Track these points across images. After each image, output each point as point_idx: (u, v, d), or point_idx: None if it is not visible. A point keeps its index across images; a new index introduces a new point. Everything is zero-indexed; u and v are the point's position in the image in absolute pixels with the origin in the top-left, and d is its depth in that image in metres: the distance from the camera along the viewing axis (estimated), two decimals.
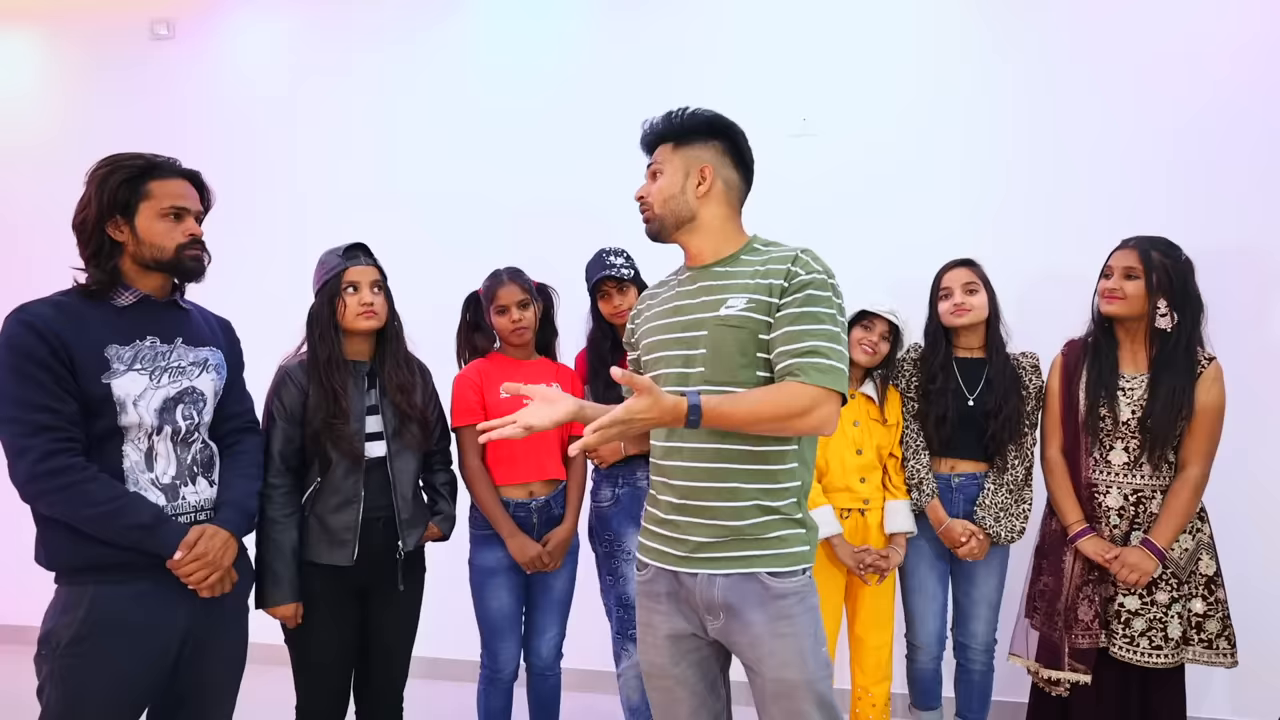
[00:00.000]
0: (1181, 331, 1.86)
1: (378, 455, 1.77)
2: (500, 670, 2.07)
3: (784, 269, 1.32)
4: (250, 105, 3.34)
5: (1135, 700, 1.94)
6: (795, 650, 1.31)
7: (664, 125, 1.42)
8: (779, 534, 1.34)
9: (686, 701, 1.42)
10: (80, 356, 1.38)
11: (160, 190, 1.47)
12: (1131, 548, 1.87)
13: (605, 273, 2.08)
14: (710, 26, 2.97)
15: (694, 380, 1.35)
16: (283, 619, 1.70)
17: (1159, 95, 2.61)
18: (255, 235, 3.20)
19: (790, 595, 1.33)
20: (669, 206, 1.40)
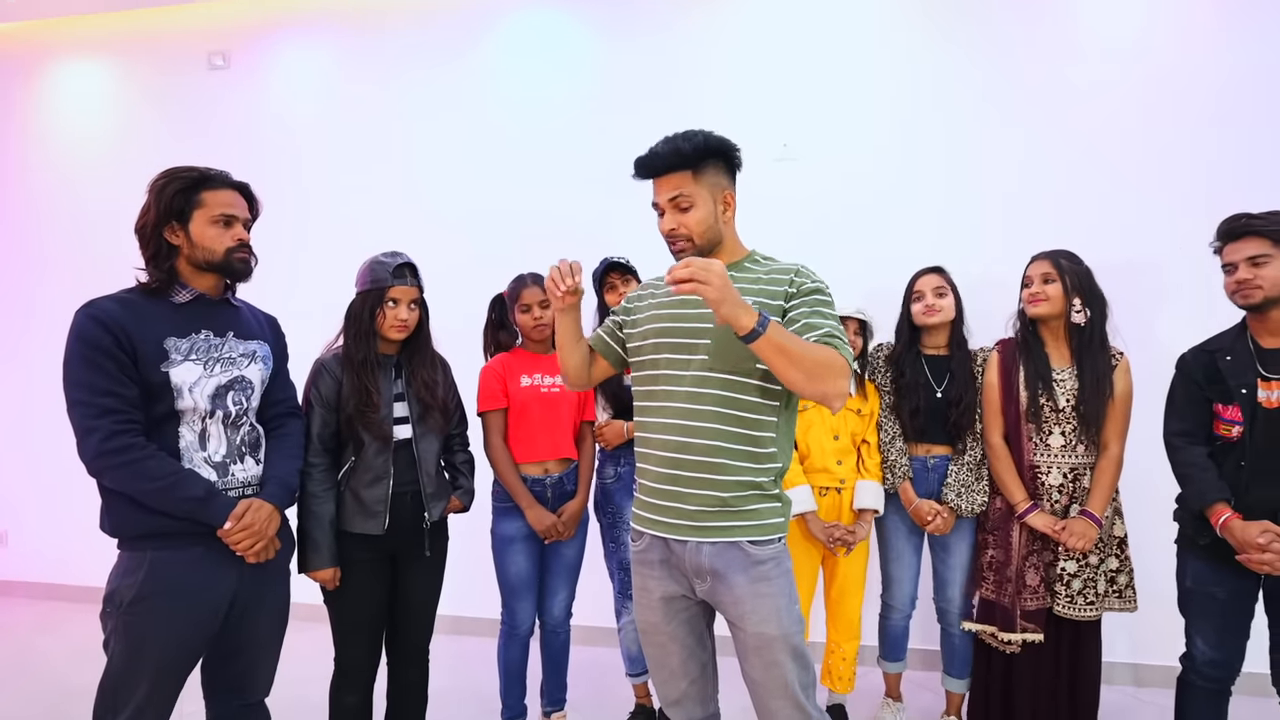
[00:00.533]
0: (1094, 325, 1.93)
1: (404, 437, 1.77)
2: (518, 626, 2.08)
3: (788, 278, 1.37)
4: (295, 127, 3.35)
5: (1066, 649, 1.98)
6: (772, 608, 1.33)
7: (678, 155, 1.35)
8: (759, 507, 1.35)
9: (677, 654, 1.44)
10: (142, 347, 1.38)
11: (212, 199, 1.46)
12: (1075, 519, 1.90)
13: (611, 261, 2.17)
14: (702, 58, 2.97)
15: (694, 367, 1.35)
16: (322, 582, 1.70)
17: (1080, 129, 2.69)
18: (297, 243, 3.21)
19: (768, 561, 1.35)
20: (708, 236, 1.38)
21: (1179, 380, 1.81)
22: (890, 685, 2.31)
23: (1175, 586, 1.83)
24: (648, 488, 1.41)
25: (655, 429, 1.39)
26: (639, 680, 2.29)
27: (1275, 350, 1.63)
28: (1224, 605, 1.71)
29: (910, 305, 2.14)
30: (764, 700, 1.37)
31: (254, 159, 3.29)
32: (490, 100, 3.14)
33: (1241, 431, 1.65)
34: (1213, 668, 1.73)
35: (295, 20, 3.34)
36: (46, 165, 3.57)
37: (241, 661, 1.55)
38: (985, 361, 2.09)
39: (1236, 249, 1.63)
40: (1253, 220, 1.62)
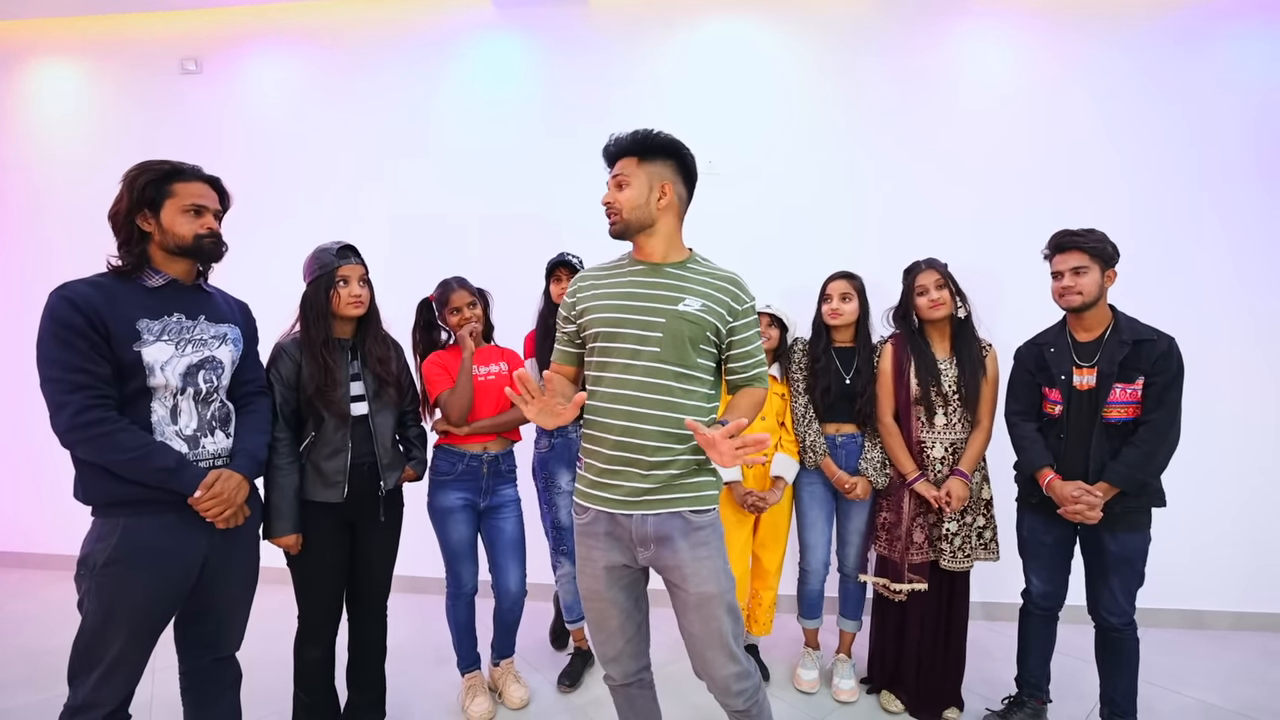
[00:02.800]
0: (968, 317, 2.07)
1: (361, 413, 1.78)
2: (463, 587, 2.09)
3: (731, 291, 1.43)
4: (263, 132, 3.27)
5: (944, 594, 2.11)
6: (711, 570, 1.38)
7: (631, 142, 1.40)
8: (698, 480, 1.40)
9: (616, 617, 1.46)
10: (114, 327, 1.36)
11: (183, 190, 1.45)
12: (951, 480, 2.02)
13: (564, 259, 2.21)
14: (638, 81, 3.03)
15: (645, 357, 1.37)
16: (285, 547, 1.71)
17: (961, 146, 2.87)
18: (263, 238, 3.11)
19: (706, 527, 1.39)
20: (635, 214, 1.39)
21: (1015, 368, 1.99)
22: (809, 636, 2.39)
23: (1015, 536, 2.03)
24: (595, 467, 1.41)
25: (605, 413, 1.39)
26: (576, 626, 2.37)
27: (1087, 343, 1.82)
28: (1051, 549, 1.92)
29: (821, 305, 2.23)
30: (701, 651, 1.41)
31: (223, 161, 3.14)
32: (447, 111, 3.14)
33: (1062, 410, 1.85)
34: (1045, 599, 1.96)
35: (266, 30, 3.26)
36: (18, 163, 3.39)
37: (213, 619, 1.54)
38: (880, 353, 2.19)
39: (1063, 260, 1.79)
40: (1075, 236, 1.79)
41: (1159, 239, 2.73)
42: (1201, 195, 2.75)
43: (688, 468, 1.38)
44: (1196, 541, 2.74)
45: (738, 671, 1.41)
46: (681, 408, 1.36)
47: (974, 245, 2.74)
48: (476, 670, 2.18)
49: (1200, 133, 2.75)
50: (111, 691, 1.37)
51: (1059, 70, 2.81)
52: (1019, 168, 2.82)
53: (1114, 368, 1.75)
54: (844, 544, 2.28)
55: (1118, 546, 1.79)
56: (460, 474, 2.03)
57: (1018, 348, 2.00)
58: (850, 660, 2.31)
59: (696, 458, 1.38)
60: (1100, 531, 1.80)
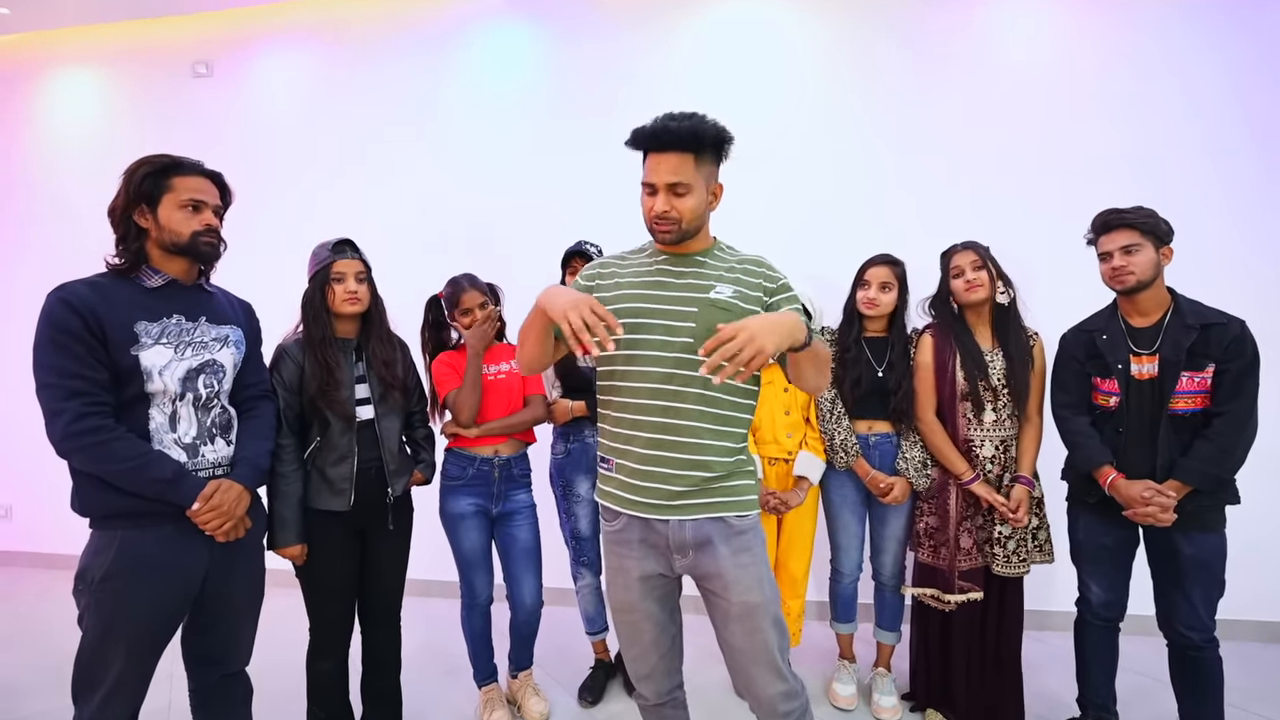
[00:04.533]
0: (1013, 305, 1.91)
1: (367, 417, 1.70)
2: (477, 597, 2.00)
3: (761, 272, 1.33)
4: (274, 131, 3.22)
5: (994, 602, 1.94)
6: (755, 578, 1.27)
7: (689, 135, 1.22)
8: (739, 483, 1.30)
9: (650, 631, 1.36)
10: (111, 330, 1.29)
11: (181, 185, 1.38)
12: (1017, 489, 1.85)
13: (579, 248, 2.10)
14: (651, 67, 2.91)
15: (675, 349, 1.25)
16: (291, 558, 1.63)
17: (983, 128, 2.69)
18: (273, 238, 3.07)
19: (749, 531, 1.29)
20: (695, 224, 1.29)
21: (1061, 357, 1.83)
22: (843, 646, 2.24)
23: (1067, 539, 1.87)
24: (627, 468, 1.30)
25: (633, 410, 1.28)
26: (597, 638, 2.26)
27: (1144, 329, 1.67)
28: (1112, 554, 1.75)
29: (856, 291, 2.06)
30: (744, 666, 1.29)
31: (235, 162, 3.10)
32: (455, 104, 3.05)
33: (1119, 401, 1.69)
34: (1105, 608, 1.79)
35: (274, 31, 3.21)
36: (42, 168, 3.38)
37: (217, 634, 1.47)
38: (916, 345, 2.02)
39: (1111, 239, 1.65)
40: (1122, 214, 1.64)
41: (1214, 225, 2.52)
42: (1266, 175, 2.54)
43: (726, 468, 1.27)
44: (1274, 543, 2.51)
45: (785, 690, 1.29)
46: (718, 402, 1.26)
47: (1005, 234, 2.54)
48: (494, 683, 2.09)
49: (1258, 109, 2.54)
50: (119, 707, 1.31)
51: (1097, 47, 2.62)
52: (1051, 152, 2.63)
53: (1180, 355, 1.59)
54: (879, 551, 2.11)
55: (1194, 549, 1.61)
56: (471, 478, 1.93)
57: (1063, 335, 1.83)
58: (890, 675, 2.16)
59: (736, 458, 1.28)
60: (1171, 533, 1.62)
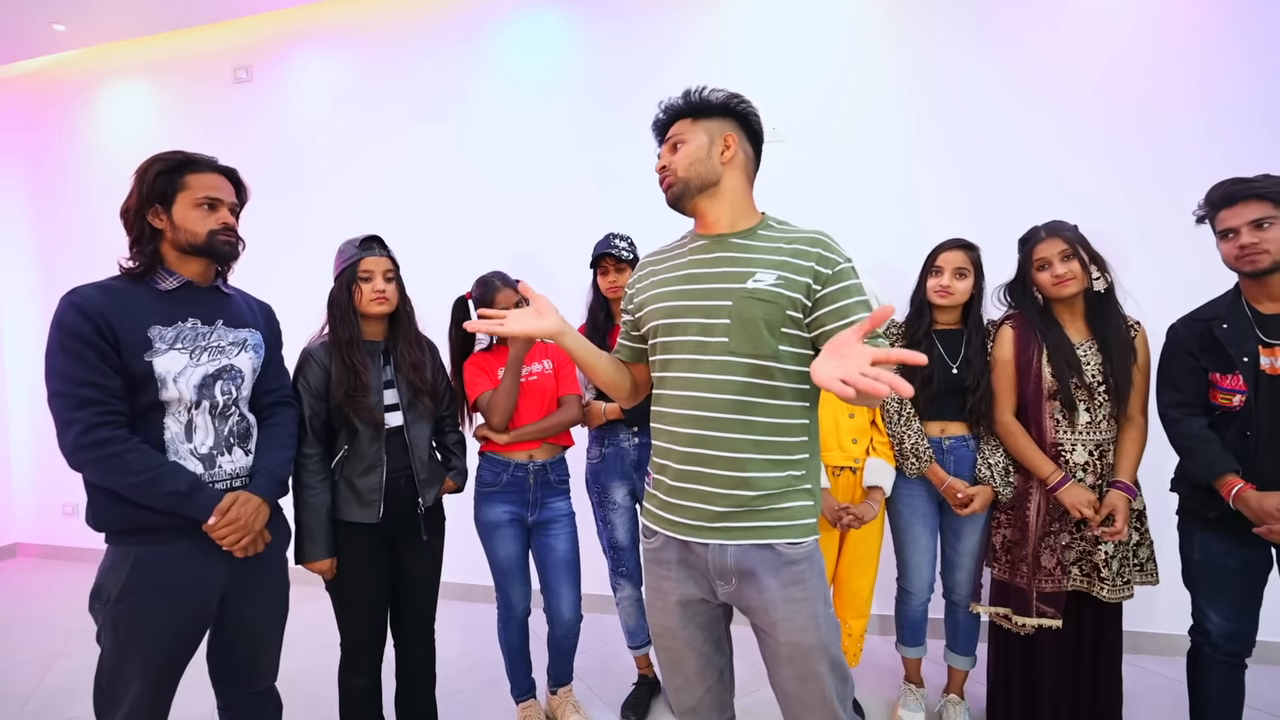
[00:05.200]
0: (1110, 293, 1.65)
1: (396, 424, 1.59)
2: (514, 609, 1.87)
3: (815, 253, 1.09)
4: (313, 133, 3.18)
5: (1089, 626, 1.71)
6: (809, 615, 1.09)
7: (683, 104, 1.17)
8: (791, 505, 1.10)
9: (693, 661, 1.19)
10: (124, 335, 1.21)
11: (196, 183, 1.29)
12: (1113, 494, 1.61)
13: (607, 250, 1.91)
14: (693, 48, 2.73)
15: (713, 349, 1.10)
16: (320, 573, 1.54)
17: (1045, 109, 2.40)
18: (309, 240, 3.06)
19: (802, 561, 1.10)
20: (694, 169, 1.14)
21: (1171, 351, 1.56)
22: (910, 669, 2.01)
23: (1177, 559, 1.60)
24: (662, 484, 1.16)
25: (670, 420, 1.14)
26: (640, 652, 2.12)
27: (1275, 316, 1.42)
28: (1238, 577, 1.48)
29: (927, 278, 1.83)
30: (796, 714, 1.13)
31: (275, 165, 3.15)
32: (495, 100, 2.94)
33: (1244, 400, 1.42)
34: (1229, 640, 1.50)
35: (311, 34, 3.17)
36: (101, 179, 3.44)
37: (241, 653, 1.39)
38: (994, 337, 1.78)
39: (1236, 214, 1.41)
40: (1252, 184, 1.40)
41: None
42: None
43: (777, 486, 1.08)
44: None
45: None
46: (763, 409, 1.08)
47: (1080, 216, 2.29)
48: (532, 698, 1.96)
49: None
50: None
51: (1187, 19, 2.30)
52: (1127, 125, 2.32)
53: None
54: (953, 568, 1.88)
55: None
56: (505, 485, 1.81)
57: (1171, 325, 1.57)
58: (964, 702, 1.94)
59: (789, 472, 1.09)
60: None
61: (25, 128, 3.59)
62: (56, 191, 3.51)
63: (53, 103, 3.55)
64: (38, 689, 2.24)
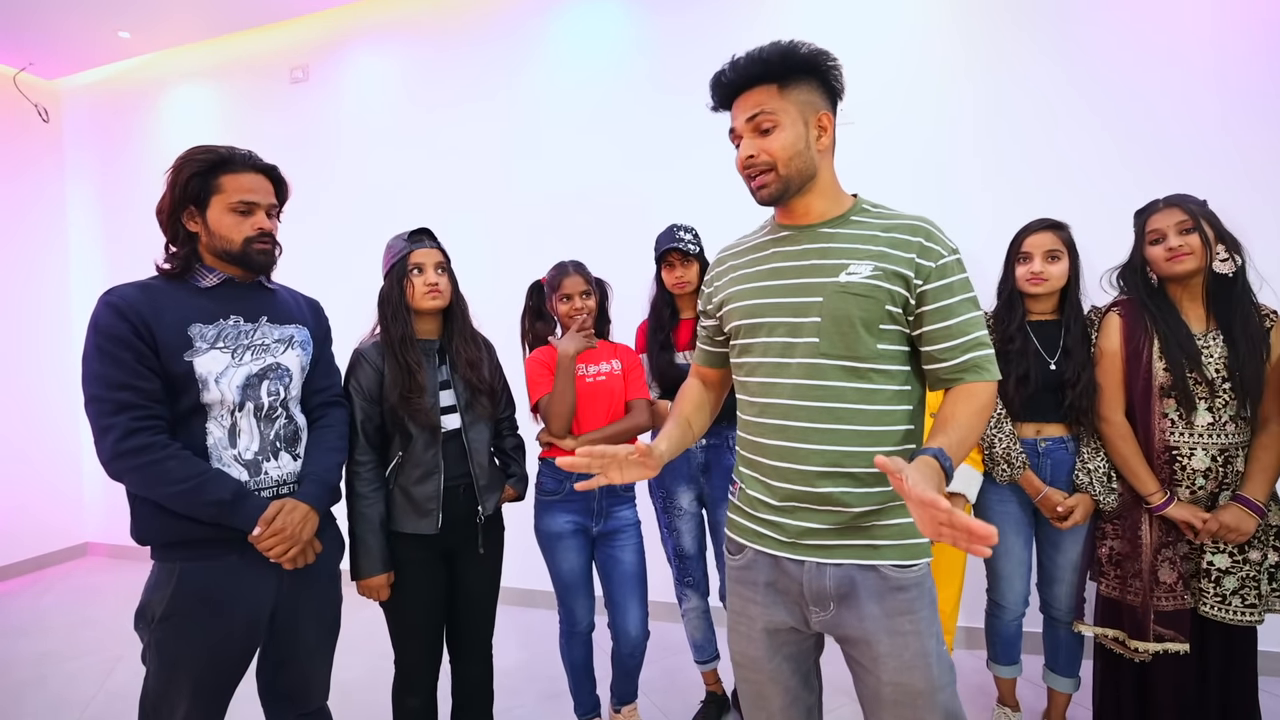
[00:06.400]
0: (1240, 276, 1.39)
1: (453, 428, 1.43)
2: (577, 624, 1.70)
3: (916, 243, 0.93)
4: (368, 132, 3.08)
5: (1216, 656, 1.45)
6: (918, 652, 0.91)
7: (763, 63, 0.93)
8: (897, 521, 0.93)
9: (779, 697, 1.03)
10: (163, 335, 1.08)
11: (231, 184, 1.15)
12: (1227, 508, 1.39)
13: (673, 244, 1.73)
14: (752, 29, 2.49)
15: (802, 351, 0.95)
16: (375, 589, 1.37)
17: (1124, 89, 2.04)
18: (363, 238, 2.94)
19: (911, 587, 0.93)
20: (795, 165, 0.94)
21: None
22: (1004, 691, 1.78)
23: None
24: (750, 498, 1.01)
25: (755, 429, 1.00)
26: (708, 668, 1.91)
27: None
28: None
29: (1015, 266, 1.61)
30: None
31: (333, 164, 3.06)
32: (549, 93, 2.77)
33: None
34: None
35: (366, 32, 3.06)
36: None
37: (292, 671, 1.25)
38: (1099, 327, 1.54)
39: None
40: None
41: None
42: None
43: (880, 501, 0.92)
44: None
45: None
46: (861, 416, 0.92)
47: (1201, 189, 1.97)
48: (596, 717, 1.79)
49: None
50: None
51: None
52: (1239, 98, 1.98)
53: None
54: (1052, 581, 1.64)
55: None
56: (569, 493, 1.62)
57: None
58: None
59: (890, 487, 0.91)
60: None
61: (95, 135, 3.62)
62: (126, 197, 3.52)
63: (121, 109, 3.55)
64: (99, 694, 2.18)
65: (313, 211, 2.83)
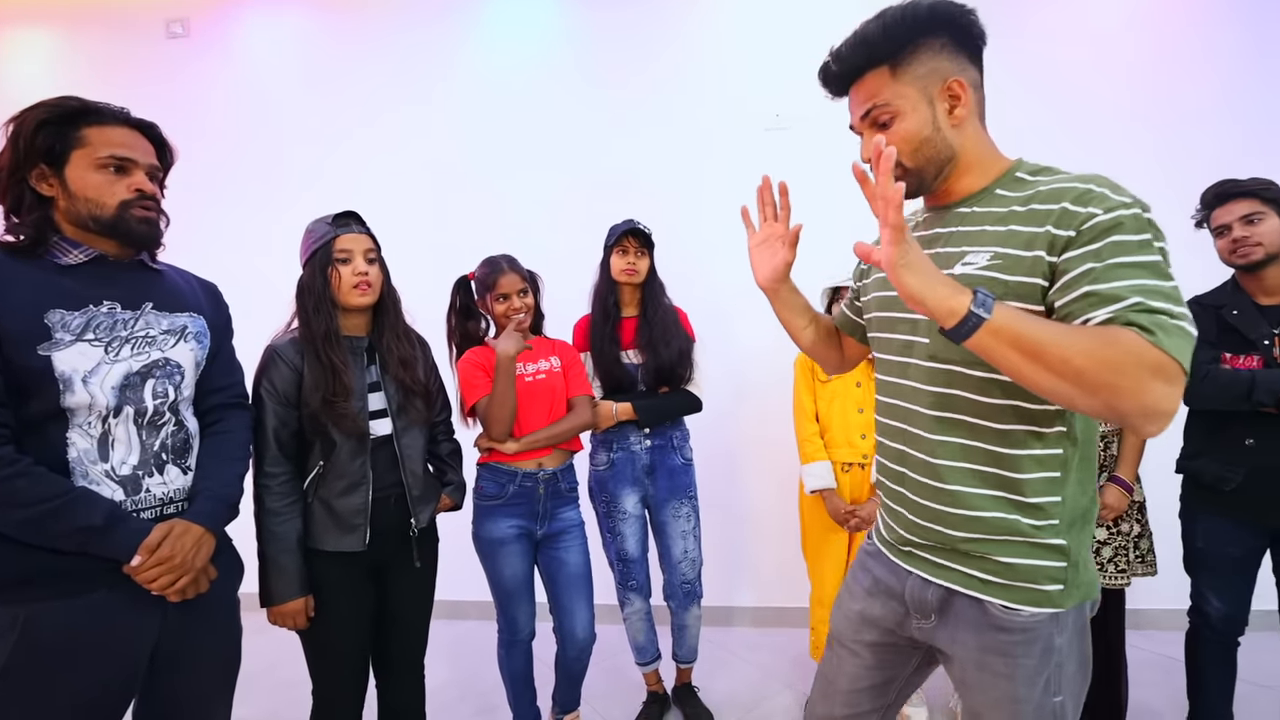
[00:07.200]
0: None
1: (383, 433, 1.25)
2: (518, 633, 1.58)
3: (1056, 212, 0.71)
4: (263, 101, 2.69)
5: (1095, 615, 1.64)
6: (1006, 695, 0.79)
7: (867, 46, 0.78)
8: (1014, 561, 0.77)
9: (844, 681, 0.96)
10: (10, 322, 0.85)
11: (98, 137, 0.93)
12: (1108, 488, 1.57)
13: (634, 226, 1.67)
14: (691, 30, 2.44)
15: (918, 352, 0.84)
16: (292, 615, 1.18)
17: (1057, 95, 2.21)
18: (255, 219, 2.62)
19: (1016, 631, 0.77)
20: (924, 154, 0.80)
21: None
22: None
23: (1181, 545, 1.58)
24: (881, 485, 0.94)
25: (880, 429, 0.93)
26: (649, 668, 1.86)
27: (1271, 308, 1.44)
28: (1240, 564, 1.50)
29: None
30: None
31: (216, 132, 2.67)
32: (465, 71, 2.55)
33: None
34: (1226, 623, 1.53)
35: None
36: None
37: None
38: None
39: (1229, 210, 1.44)
40: (1240, 183, 1.44)
41: None
42: None
43: (995, 530, 0.77)
44: None
45: None
46: (976, 431, 0.78)
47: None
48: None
49: None
50: None
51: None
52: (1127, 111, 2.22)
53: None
54: None
55: None
56: (512, 496, 1.50)
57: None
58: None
59: (1016, 517, 0.77)
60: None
61: None
62: None
63: None
64: None
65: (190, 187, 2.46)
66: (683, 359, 1.68)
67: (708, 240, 2.36)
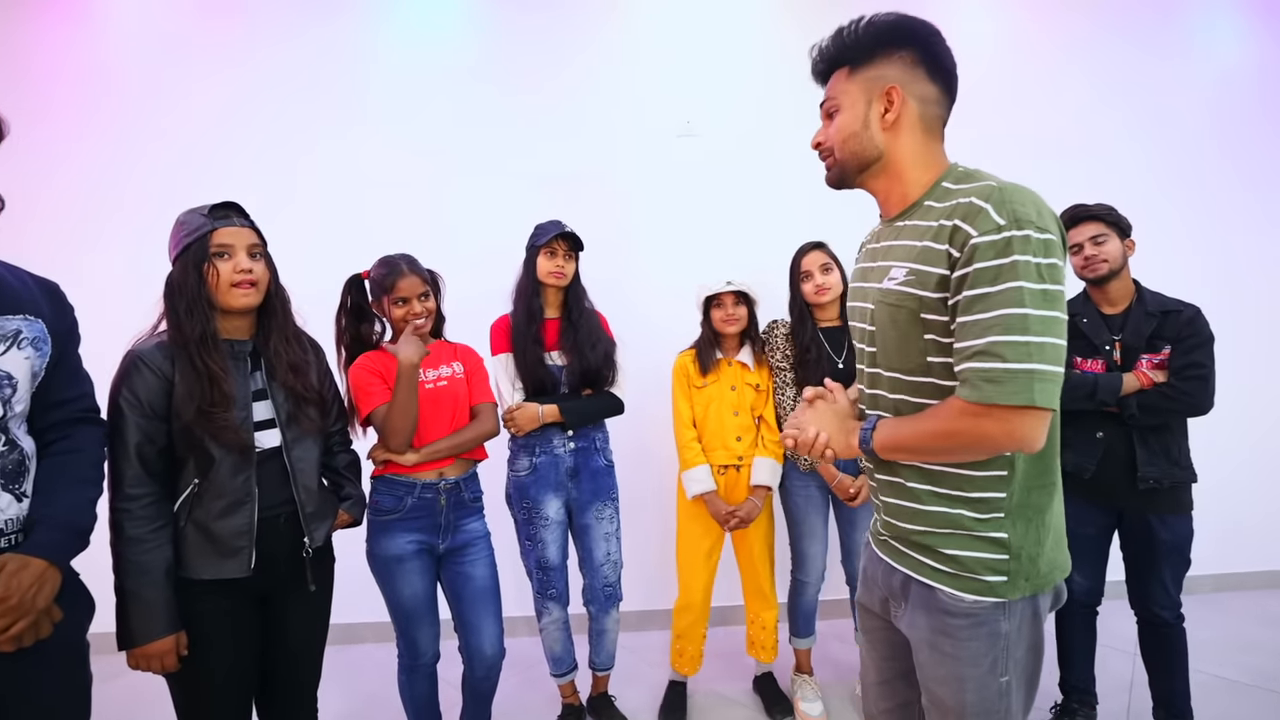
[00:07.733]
0: None
1: (271, 446, 1.14)
2: (421, 656, 1.49)
3: (952, 227, 0.76)
4: (133, 81, 2.35)
5: None
6: (952, 674, 0.83)
7: (835, 47, 0.88)
8: (958, 553, 0.82)
9: (872, 673, 1.02)
10: None
11: None
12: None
13: (564, 229, 1.65)
14: (605, 34, 2.47)
15: (868, 359, 0.93)
16: (159, 656, 1.03)
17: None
18: (129, 221, 2.29)
19: (962, 617, 0.82)
20: (849, 147, 0.87)
21: None
22: (801, 660, 1.96)
23: None
24: (869, 478, 1.00)
25: None
26: (565, 680, 1.83)
27: (1112, 316, 1.66)
28: (1095, 541, 1.69)
29: (800, 285, 1.81)
30: None
31: (67, 119, 2.32)
32: (377, 68, 2.41)
33: None
34: (1087, 595, 1.73)
35: None
36: None
37: None
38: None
39: (1079, 232, 1.63)
40: (1089, 208, 1.64)
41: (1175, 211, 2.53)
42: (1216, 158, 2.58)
43: (942, 524, 0.83)
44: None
45: None
46: None
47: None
48: None
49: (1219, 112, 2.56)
50: None
51: (1049, 39, 2.54)
52: (1010, 140, 2.45)
53: (1141, 341, 1.59)
54: (851, 554, 1.86)
55: (1169, 534, 1.59)
56: (410, 510, 1.42)
57: None
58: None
59: (961, 512, 0.82)
60: (1148, 518, 1.60)
61: None
62: None
63: None
64: None
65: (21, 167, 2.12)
66: (608, 361, 1.69)
67: (616, 244, 2.33)
